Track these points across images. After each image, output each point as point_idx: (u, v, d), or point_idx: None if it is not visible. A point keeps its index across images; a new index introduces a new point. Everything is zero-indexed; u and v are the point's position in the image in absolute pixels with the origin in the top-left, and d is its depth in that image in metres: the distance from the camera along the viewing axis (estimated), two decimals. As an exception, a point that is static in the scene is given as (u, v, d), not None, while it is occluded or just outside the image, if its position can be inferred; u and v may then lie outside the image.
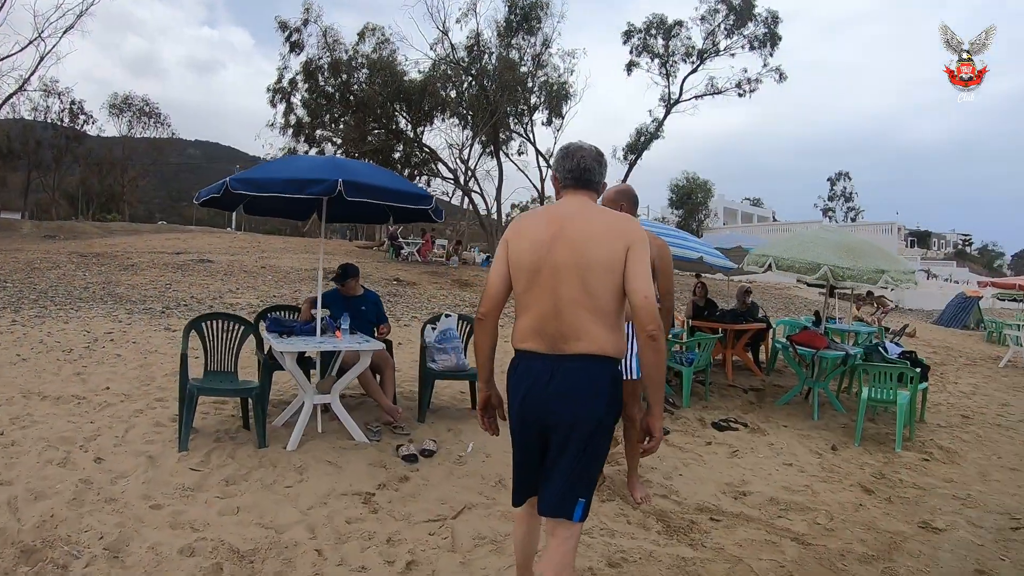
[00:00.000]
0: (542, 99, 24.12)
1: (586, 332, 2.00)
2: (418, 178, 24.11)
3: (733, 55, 23.13)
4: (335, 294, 5.12)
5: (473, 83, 22.44)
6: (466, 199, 24.80)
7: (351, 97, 21.48)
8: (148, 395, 5.04)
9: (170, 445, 3.91)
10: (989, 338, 14.78)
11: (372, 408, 5.03)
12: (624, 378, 3.62)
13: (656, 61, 23.94)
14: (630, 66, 24.11)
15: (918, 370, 5.73)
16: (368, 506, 3.36)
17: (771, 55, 22.58)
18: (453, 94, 22.78)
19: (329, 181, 3.82)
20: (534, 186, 25.91)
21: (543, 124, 25.07)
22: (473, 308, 12.85)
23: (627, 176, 25.13)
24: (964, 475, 4.89)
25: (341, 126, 22.59)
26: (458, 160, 24.11)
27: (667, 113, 24.71)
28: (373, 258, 20.10)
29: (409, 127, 23.52)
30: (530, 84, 23.08)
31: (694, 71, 23.91)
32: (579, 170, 2.17)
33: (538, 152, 24.76)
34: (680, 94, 24.36)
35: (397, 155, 23.62)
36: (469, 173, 24.34)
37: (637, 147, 25.44)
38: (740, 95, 23.62)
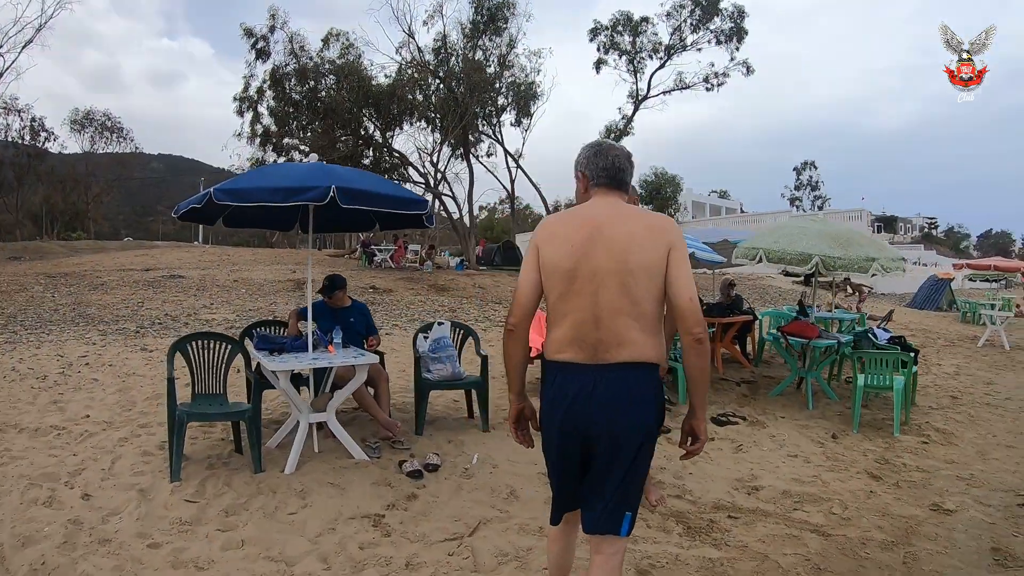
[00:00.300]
0: (510, 100, 24.05)
1: (629, 339, 1.90)
2: (389, 183, 23.80)
3: (700, 50, 23.35)
4: (322, 306, 4.94)
5: (441, 86, 22.26)
6: (437, 203, 24.57)
7: (319, 104, 21.13)
8: (131, 421, 4.78)
9: (161, 476, 3.68)
10: (964, 318, 15.08)
11: (367, 423, 4.86)
12: None
13: (624, 58, 24.06)
14: (598, 64, 24.18)
15: (912, 355, 5.77)
16: (379, 529, 3.20)
17: (737, 49, 22.87)
18: (421, 97, 22.59)
19: (320, 188, 3.65)
20: (504, 187, 25.88)
21: (512, 125, 25.00)
22: (453, 313, 12.73)
23: None
24: (963, 455, 4.91)
25: (308, 134, 22.23)
26: (428, 164, 23.91)
27: (635, 109, 24.85)
28: (346, 266, 19.76)
29: (378, 132, 23.25)
30: (498, 85, 22.99)
31: (662, 67, 24.12)
32: (614, 169, 2.07)
33: (507, 153, 24.70)
34: (648, 90, 24.55)
35: (367, 161, 23.31)
36: (439, 176, 24.16)
37: (606, 145, 25.46)
38: (708, 89, 23.87)
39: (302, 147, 22.45)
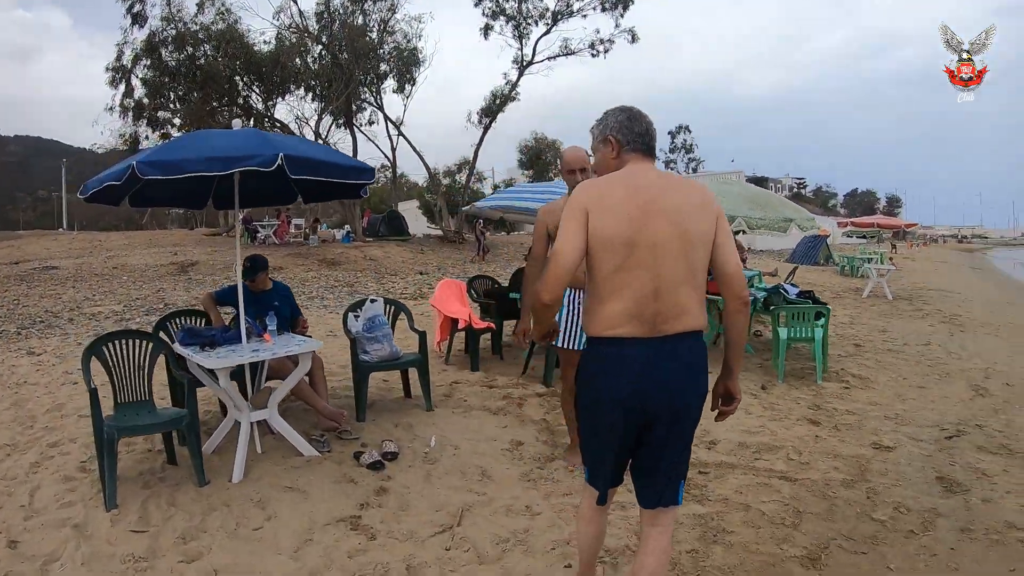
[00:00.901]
0: (392, 66, 23.17)
1: (686, 309, 1.86)
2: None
3: (585, 16, 23.35)
4: (244, 290, 4.46)
5: (325, 52, 21.03)
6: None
7: (197, 72, 19.28)
8: (37, 440, 4.04)
9: (93, 504, 3.11)
10: (842, 272, 16.57)
11: (302, 414, 4.43)
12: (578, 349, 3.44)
13: (510, 24, 23.68)
14: (486, 29, 23.67)
15: (829, 307, 6.14)
16: (362, 532, 2.90)
17: (622, 16, 23.09)
18: (303, 65, 21.28)
19: (266, 155, 3.17)
20: (385, 156, 25.13)
21: (393, 92, 24.12)
22: (352, 288, 12.40)
23: (482, 140, 24.89)
24: (883, 397, 5.29)
25: (184, 105, 20.29)
26: (310, 133, 22.57)
27: (520, 75, 24.58)
28: (225, 245, 18.47)
29: (259, 102, 21.69)
30: (381, 51, 22.08)
31: (547, 33, 23.94)
32: (648, 136, 2.00)
33: (388, 120, 23.88)
34: (533, 56, 24.27)
35: (248, 132, 21.62)
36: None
37: (492, 110, 25.19)
38: (593, 55, 23.94)
39: (175, 120, 20.52)
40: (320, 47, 21.23)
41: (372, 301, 4.84)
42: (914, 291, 14.32)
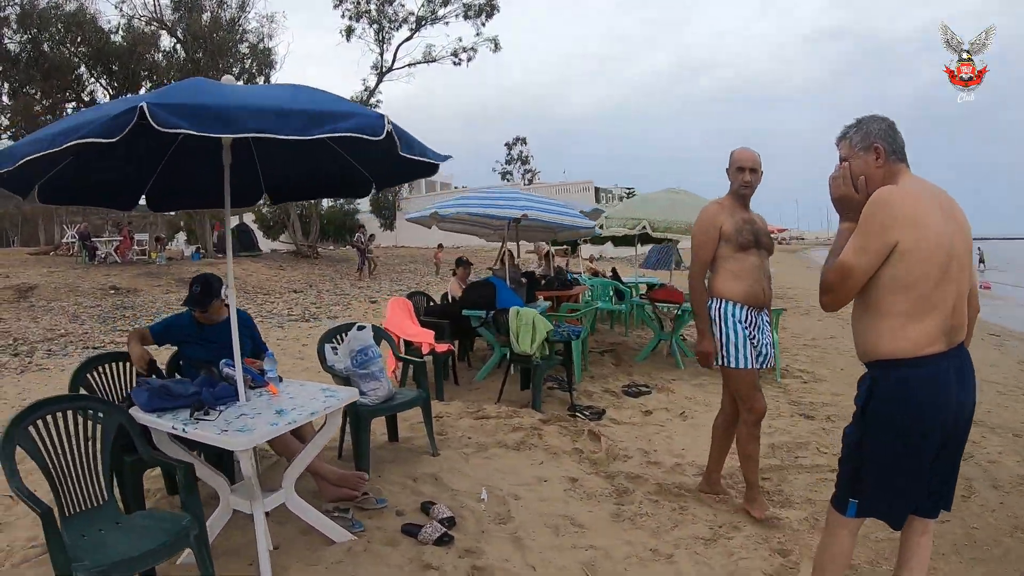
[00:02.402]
0: (243, 68, 20.99)
1: (965, 319, 1.93)
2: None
3: (447, 23, 23.00)
4: (188, 323, 3.29)
5: (179, 47, 18.35)
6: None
7: (43, 60, 15.72)
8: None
9: None
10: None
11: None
12: (758, 367, 3.11)
13: (373, 27, 22.55)
14: (348, 31, 22.33)
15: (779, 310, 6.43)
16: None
17: (484, 25, 22.89)
18: (157, 58, 18.44)
19: (367, 117, 2.16)
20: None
21: None
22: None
23: None
24: (839, 387, 5.57)
25: (14, 100, 16.47)
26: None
27: (379, 81, 23.59)
28: (63, 265, 15.10)
29: (107, 98, 18.37)
30: (235, 50, 19.91)
31: (410, 38, 23.24)
32: (904, 147, 1.98)
33: None
34: (393, 62, 23.45)
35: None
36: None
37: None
38: (456, 64, 23.65)
39: (2, 119, 16.49)
40: (175, 40, 18.65)
41: (360, 328, 3.85)
42: (778, 291, 15.59)
